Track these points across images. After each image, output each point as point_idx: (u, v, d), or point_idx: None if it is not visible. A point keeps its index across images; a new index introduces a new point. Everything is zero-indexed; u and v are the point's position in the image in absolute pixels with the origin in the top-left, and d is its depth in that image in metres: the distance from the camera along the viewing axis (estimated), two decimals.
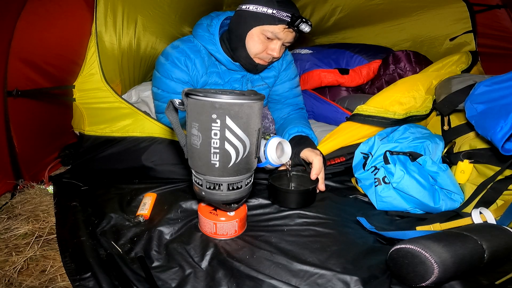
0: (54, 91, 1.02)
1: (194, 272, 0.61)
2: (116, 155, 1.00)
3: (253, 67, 1.01)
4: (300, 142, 0.95)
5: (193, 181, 0.63)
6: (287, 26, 0.90)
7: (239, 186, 0.60)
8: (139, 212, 0.79)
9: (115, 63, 1.19)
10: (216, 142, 0.53)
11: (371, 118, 0.94)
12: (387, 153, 0.84)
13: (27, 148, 0.98)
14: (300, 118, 1.12)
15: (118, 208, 0.83)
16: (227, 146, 0.54)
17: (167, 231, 0.73)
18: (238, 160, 0.56)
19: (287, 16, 0.89)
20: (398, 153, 0.84)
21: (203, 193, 0.60)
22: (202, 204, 0.74)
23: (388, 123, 0.93)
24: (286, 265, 0.63)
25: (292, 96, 1.18)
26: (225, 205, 0.66)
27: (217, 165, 0.55)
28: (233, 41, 0.97)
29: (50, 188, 0.96)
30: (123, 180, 0.97)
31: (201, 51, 1.01)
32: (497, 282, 0.58)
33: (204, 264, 0.64)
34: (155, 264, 0.64)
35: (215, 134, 0.53)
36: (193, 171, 0.61)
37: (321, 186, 0.88)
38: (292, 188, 0.91)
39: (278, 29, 0.91)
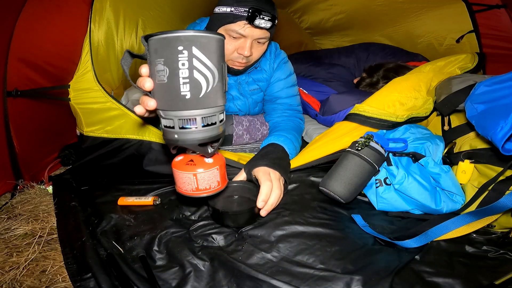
0: (52, 91, 1.02)
1: (194, 272, 0.61)
2: (114, 157, 1.00)
3: (232, 71, 0.99)
4: (259, 157, 0.83)
5: (163, 127, 0.57)
6: (246, 22, 0.87)
7: (214, 122, 0.57)
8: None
9: (117, 63, 1.18)
10: (185, 72, 0.52)
11: (373, 120, 0.92)
12: (390, 154, 0.84)
13: (27, 148, 0.98)
14: (285, 129, 0.99)
15: (118, 208, 0.83)
16: (196, 74, 0.52)
17: (167, 231, 0.73)
18: (209, 90, 0.54)
19: (244, 11, 0.85)
20: (401, 154, 0.83)
21: (175, 136, 0.56)
22: (176, 160, 0.66)
23: (389, 125, 0.92)
24: (286, 265, 0.63)
25: (285, 95, 1.11)
26: (202, 146, 0.60)
27: (188, 96, 0.53)
28: None
29: (50, 188, 0.96)
30: (123, 180, 0.97)
31: None
32: (497, 282, 0.58)
33: (205, 264, 0.63)
34: (156, 263, 0.64)
35: (183, 64, 0.51)
36: (162, 117, 0.56)
37: (262, 212, 0.74)
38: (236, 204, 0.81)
39: (238, 27, 0.87)
